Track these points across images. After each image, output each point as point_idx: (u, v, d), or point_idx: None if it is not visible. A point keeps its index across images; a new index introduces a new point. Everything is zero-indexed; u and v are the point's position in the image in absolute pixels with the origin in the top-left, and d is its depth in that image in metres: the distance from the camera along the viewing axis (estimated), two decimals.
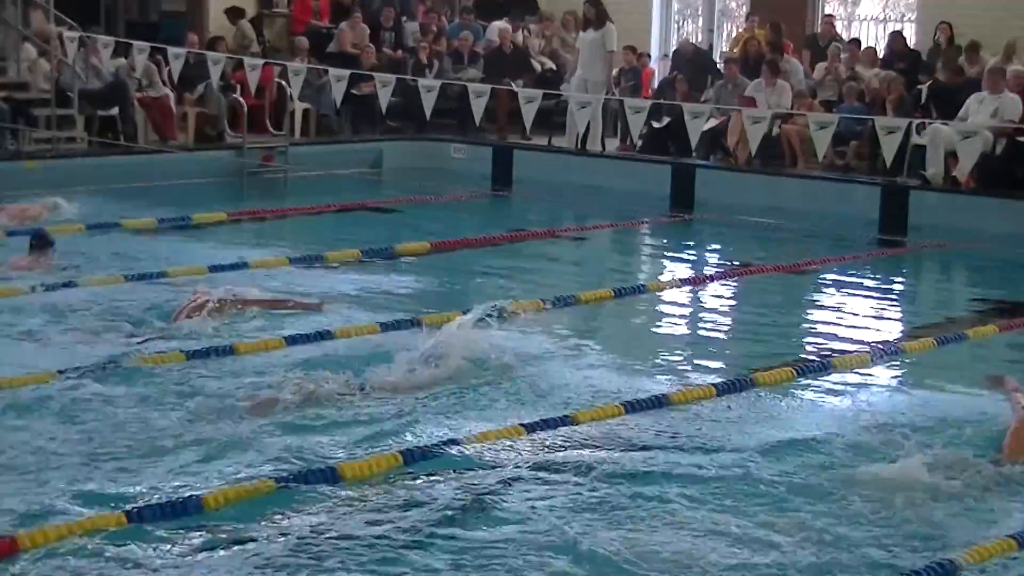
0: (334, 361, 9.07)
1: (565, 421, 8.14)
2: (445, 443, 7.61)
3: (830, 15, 23.90)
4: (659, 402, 8.64)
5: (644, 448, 7.82)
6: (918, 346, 10.51)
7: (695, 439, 8.00)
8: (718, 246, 16.12)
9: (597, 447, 7.80)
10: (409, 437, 7.83)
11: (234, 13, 22.84)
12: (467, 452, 7.52)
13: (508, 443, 7.70)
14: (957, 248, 15.46)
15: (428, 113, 19.57)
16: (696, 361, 9.99)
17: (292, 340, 9.66)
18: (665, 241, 16.35)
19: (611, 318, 11.38)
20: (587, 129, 19.93)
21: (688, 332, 10.79)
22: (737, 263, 14.51)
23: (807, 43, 22.81)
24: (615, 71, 22.17)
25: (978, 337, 10.89)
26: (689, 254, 15.46)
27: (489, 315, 9.49)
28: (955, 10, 21.11)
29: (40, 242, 12.08)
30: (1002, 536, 6.58)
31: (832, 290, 13.25)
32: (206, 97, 20.53)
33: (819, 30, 23.24)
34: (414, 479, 7.17)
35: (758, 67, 20.32)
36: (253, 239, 14.48)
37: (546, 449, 7.71)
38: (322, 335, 9.84)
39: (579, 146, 20.30)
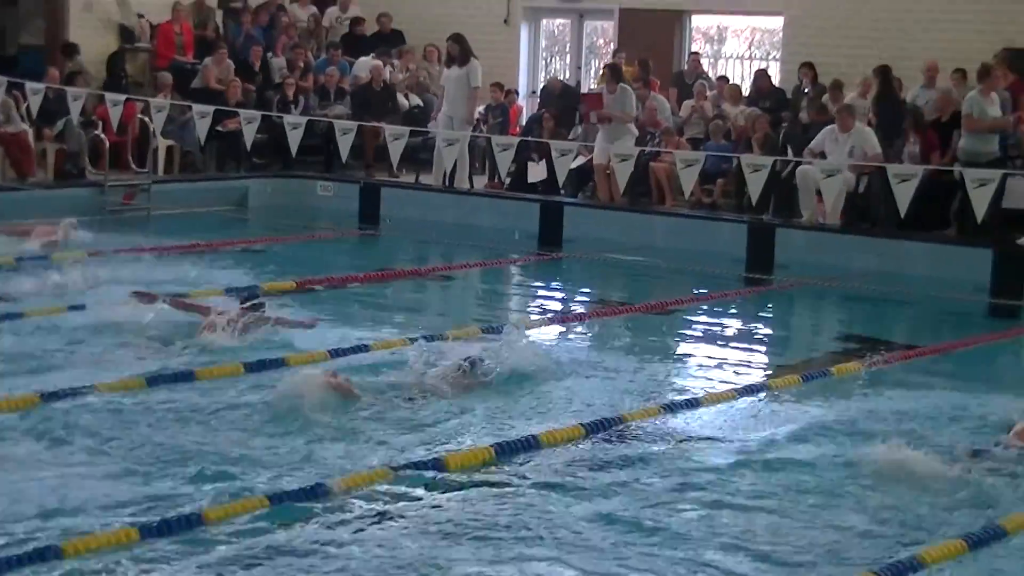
0: None
1: (436, 464, 8.03)
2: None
3: (696, 53, 24.09)
4: (528, 444, 8.56)
5: (508, 488, 7.74)
6: (783, 383, 10.52)
7: (567, 478, 7.94)
8: (586, 284, 16.09)
9: (462, 488, 7.71)
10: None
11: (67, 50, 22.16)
12: None
13: None
14: (822, 285, 15.57)
15: (294, 150, 19.40)
16: (564, 400, 9.89)
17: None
18: (534, 279, 16.30)
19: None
20: (454, 166, 19.87)
21: (556, 370, 10.69)
22: (605, 301, 14.48)
23: (674, 80, 22.96)
24: (482, 108, 22.16)
25: (842, 374, 10.92)
26: (557, 292, 15.41)
27: None
28: (818, 49, 21.37)
29: None
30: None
31: (699, 328, 13.26)
32: (66, 133, 20.16)
33: (686, 68, 23.40)
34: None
35: None
36: (113, 278, 14.13)
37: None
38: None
39: (446, 183, 20.22)
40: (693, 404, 9.77)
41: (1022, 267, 15.89)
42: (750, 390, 10.31)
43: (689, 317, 13.61)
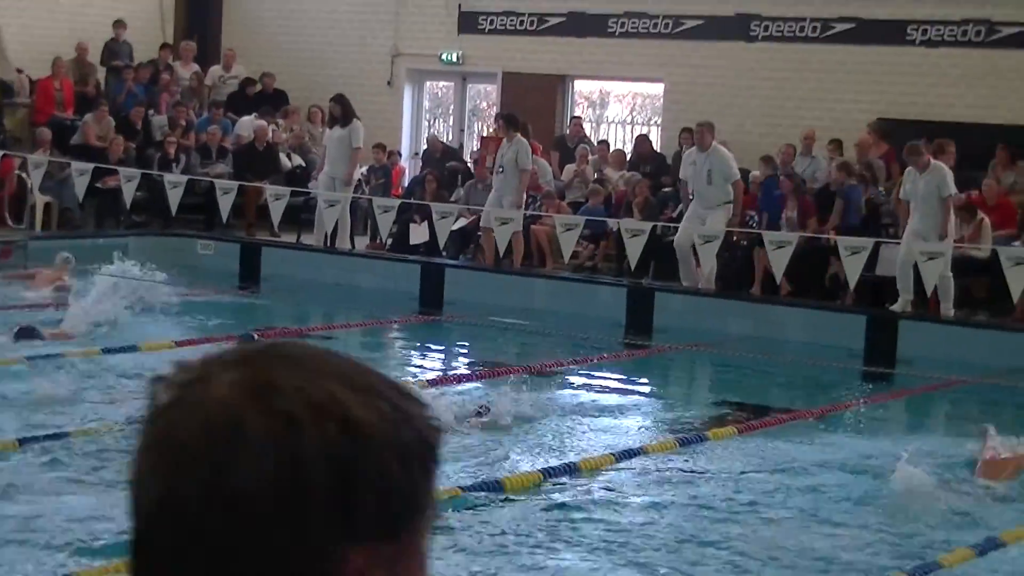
0: None
1: None
2: None
3: (578, 117, 24.32)
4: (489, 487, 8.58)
5: None
6: (659, 447, 10.60)
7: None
8: (467, 346, 16.13)
9: None
10: None
11: None
12: None
13: None
14: (699, 350, 15.73)
15: (174, 208, 19.28)
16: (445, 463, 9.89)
17: None
18: (414, 341, 16.30)
19: None
20: (336, 227, 19.87)
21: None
22: (485, 363, 14.51)
23: (556, 144, 23.14)
24: (365, 169, 22.19)
25: (718, 438, 11.03)
26: (438, 354, 15.43)
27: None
28: (699, 115, 21.56)
29: None
30: None
31: (578, 391, 13.30)
32: None
33: (567, 132, 23.61)
34: None
35: None
36: None
37: None
38: None
39: (328, 244, 20.20)
40: (571, 470, 9.80)
41: (894, 333, 16.18)
42: (628, 454, 10.37)
43: (567, 380, 13.66)
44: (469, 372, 13.65)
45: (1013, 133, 19.74)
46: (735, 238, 18.43)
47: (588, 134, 24.14)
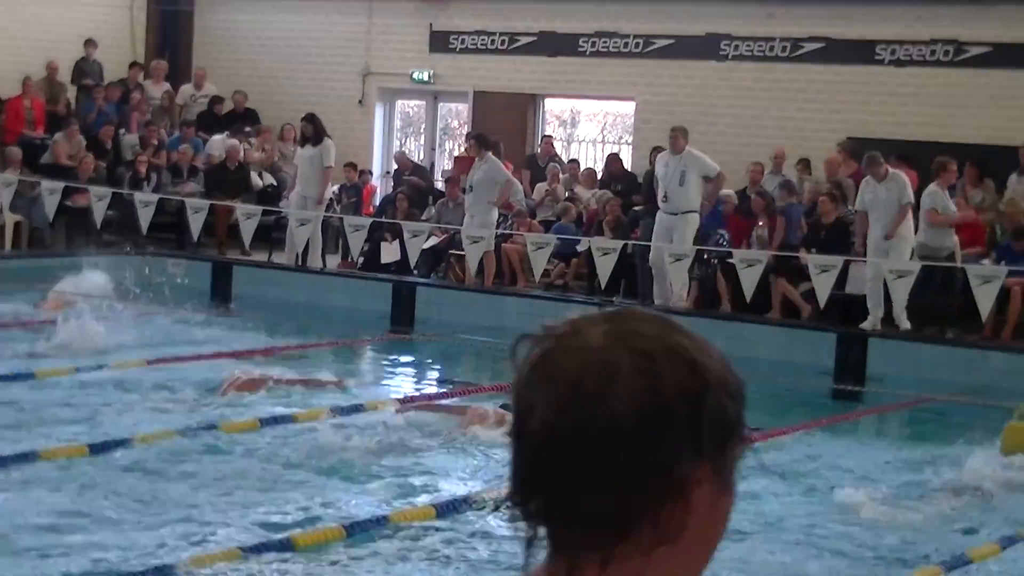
0: None
1: (285, 544, 8.00)
2: None
3: (549, 136, 24.38)
4: (379, 522, 8.55)
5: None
6: None
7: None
8: (438, 365, 16.12)
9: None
10: None
11: None
12: None
13: None
14: None
15: (144, 227, 19.24)
16: (416, 481, 9.90)
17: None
18: (386, 360, 16.28)
19: (326, 438, 11.20)
20: (307, 246, 19.87)
21: (408, 451, 10.71)
22: (456, 382, 14.50)
23: (527, 163, 23.19)
24: (336, 187, 22.19)
25: None
26: (408, 373, 15.41)
27: None
28: (668, 135, 21.74)
29: None
30: None
31: None
32: None
33: (538, 151, 23.66)
34: None
35: None
36: None
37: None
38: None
39: (299, 263, 20.19)
40: None
41: (864, 351, 16.25)
42: None
43: None
44: (441, 390, 13.63)
45: (981, 152, 19.87)
46: (706, 256, 18.49)
47: (559, 153, 24.22)
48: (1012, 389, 14.25)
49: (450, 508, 9.01)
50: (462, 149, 23.16)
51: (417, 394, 13.39)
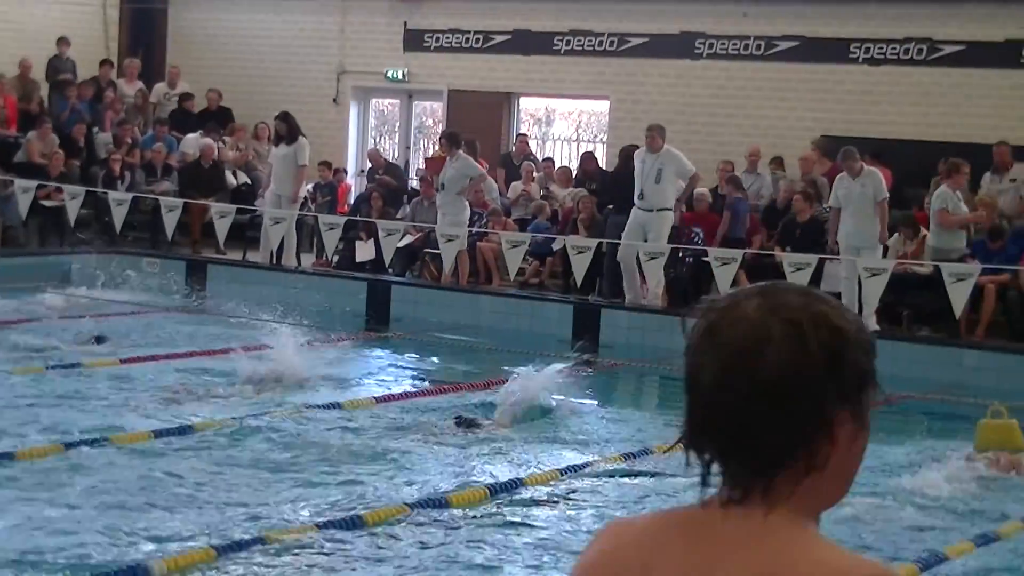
0: None
1: (258, 543, 7.98)
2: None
3: (524, 135, 24.38)
4: (353, 523, 8.53)
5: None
6: (606, 462, 10.62)
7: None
8: (413, 364, 16.09)
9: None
10: None
11: None
12: None
13: None
14: (646, 366, 15.74)
15: (119, 226, 19.18)
16: (390, 479, 9.88)
17: None
18: (361, 358, 16.22)
19: (305, 435, 11.19)
20: (282, 244, 19.85)
21: (382, 451, 10.70)
22: (432, 380, 14.49)
23: (502, 162, 23.18)
24: (311, 186, 22.16)
25: (663, 452, 11.07)
26: (385, 371, 15.37)
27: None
28: (644, 133, 21.75)
29: None
30: None
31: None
32: None
33: (513, 149, 23.66)
34: None
35: None
36: None
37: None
38: None
39: (274, 261, 20.15)
40: (515, 485, 9.81)
41: None
42: (574, 470, 10.38)
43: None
44: (416, 389, 13.60)
45: (955, 150, 19.91)
46: (681, 254, 18.52)
47: (534, 151, 24.21)
48: (986, 387, 14.33)
49: (425, 504, 9.00)
50: (435, 148, 23.13)
51: (394, 393, 13.36)
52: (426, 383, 14.11)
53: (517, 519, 9.04)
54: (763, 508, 2.12)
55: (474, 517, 8.98)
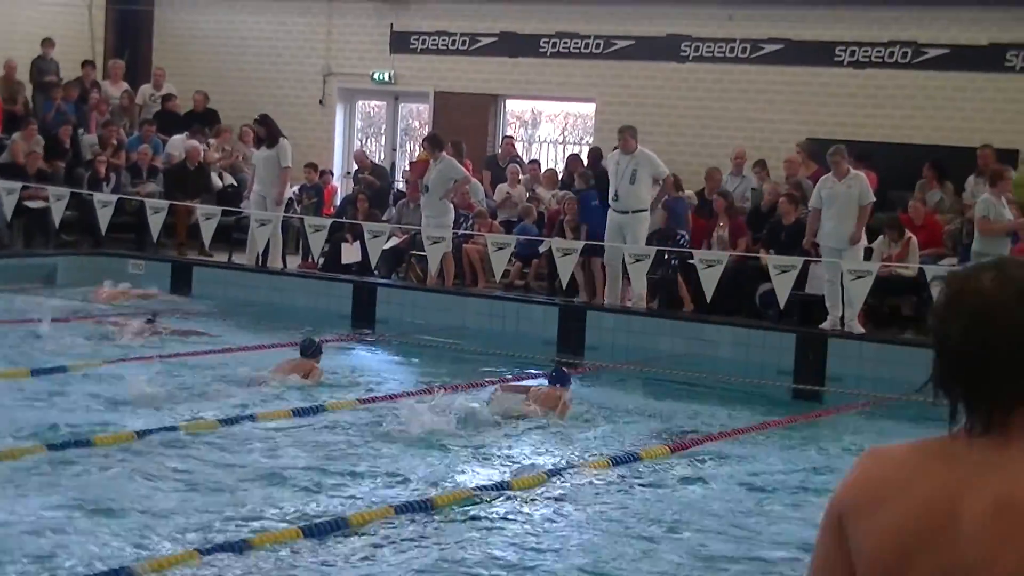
0: None
1: (242, 546, 7.97)
2: None
3: (510, 137, 24.40)
4: (337, 525, 8.53)
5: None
6: (592, 466, 10.64)
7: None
8: (399, 365, 16.10)
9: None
10: None
11: None
12: None
13: None
14: (630, 369, 15.77)
15: (104, 228, 19.16)
16: (374, 480, 9.89)
17: None
18: (346, 360, 16.21)
19: (288, 438, 11.18)
20: (267, 246, 19.86)
21: (365, 452, 10.70)
22: (418, 382, 14.49)
23: (487, 164, 23.20)
24: (297, 188, 22.16)
25: (650, 457, 11.10)
26: (370, 373, 15.34)
27: None
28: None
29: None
30: None
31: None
32: None
33: (499, 151, 23.68)
34: None
35: None
36: None
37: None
38: None
39: (259, 263, 20.15)
40: (503, 488, 9.82)
41: (823, 352, 16.32)
42: (560, 472, 10.40)
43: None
44: (401, 390, 13.60)
45: (939, 153, 19.99)
46: (666, 256, 18.54)
47: (520, 153, 24.23)
48: None
49: (408, 508, 9.01)
50: (420, 151, 23.14)
51: (379, 395, 13.36)
52: (410, 385, 14.09)
53: (501, 521, 9.04)
54: (1002, 439, 2.62)
55: (457, 519, 8.99)
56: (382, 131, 27.13)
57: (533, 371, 15.20)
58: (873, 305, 17.51)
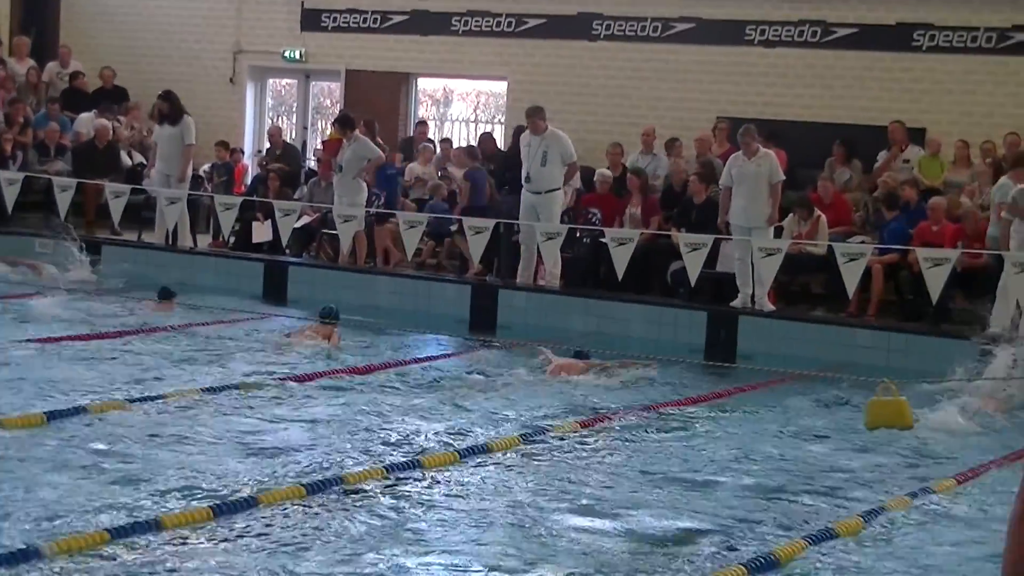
0: None
1: (153, 525, 7.91)
2: None
3: (424, 122, 24.32)
4: (247, 504, 8.49)
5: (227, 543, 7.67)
6: (504, 444, 10.66)
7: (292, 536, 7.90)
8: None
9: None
10: None
11: None
12: None
13: None
14: (544, 347, 15.76)
15: (10, 206, 18.92)
16: (283, 461, 9.84)
17: None
18: (256, 340, 16.09)
19: (200, 418, 11.10)
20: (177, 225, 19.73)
21: (276, 432, 10.67)
22: (329, 362, 14.41)
23: (401, 147, 23.15)
24: (207, 166, 22.01)
25: (561, 433, 11.15)
26: (280, 353, 15.23)
27: None
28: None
29: None
30: None
31: (422, 389, 13.23)
32: None
33: (413, 135, 23.61)
34: None
35: None
36: None
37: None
38: None
39: (169, 242, 20.00)
40: (414, 466, 9.81)
41: (734, 329, 16.45)
42: (472, 451, 10.40)
43: (411, 378, 13.64)
44: (311, 372, 13.54)
45: (848, 131, 20.18)
46: (578, 234, 18.60)
47: (432, 132, 24.19)
48: (877, 365, 14.55)
49: (317, 488, 8.98)
50: (330, 130, 23.03)
51: (292, 374, 13.29)
52: (320, 364, 14.03)
53: (412, 498, 9.04)
54: None
55: (367, 495, 8.98)
56: (293, 110, 26.99)
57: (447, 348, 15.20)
58: (783, 283, 17.66)
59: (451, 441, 10.79)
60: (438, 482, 9.52)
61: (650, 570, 7.76)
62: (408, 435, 10.95)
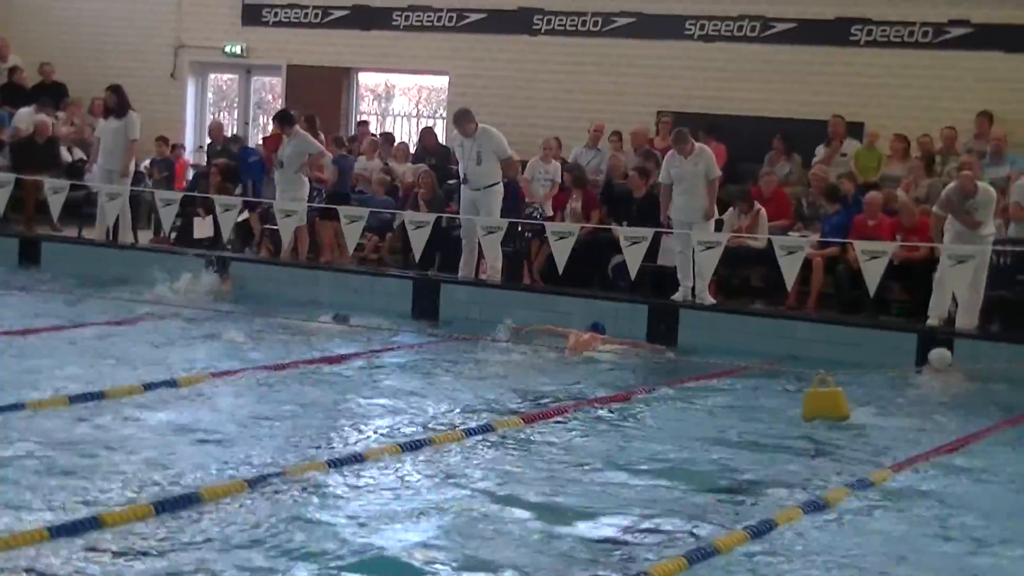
0: None
1: (93, 523, 7.89)
2: None
3: (365, 121, 24.31)
4: (189, 500, 8.49)
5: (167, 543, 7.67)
6: (446, 438, 10.69)
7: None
8: (252, 340, 15.95)
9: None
10: None
11: None
12: None
13: None
14: (485, 341, 15.81)
15: None
16: (227, 455, 9.84)
17: None
18: (198, 335, 16.06)
19: (141, 416, 11.09)
20: (118, 220, 19.64)
21: (217, 429, 10.66)
22: (272, 356, 14.39)
23: (339, 143, 23.09)
24: (148, 162, 21.92)
25: (504, 428, 11.20)
26: (221, 348, 15.22)
27: None
28: (484, 108, 21.70)
29: None
30: None
31: (363, 383, 13.25)
32: None
33: (356, 134, 23.58)
34: None
35: None
36: None
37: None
38: None
39: (110, 238, 19.91)
40: (357, 459, 9.83)
41: (675, 322, 16.56)
42: (415, 445, 10.43)
43: (352, 372, 13.66)
44: (255, 366, 13.53)
45: (788, 125, 20.34)
46: (520, 228, 18.65)
47: (374, 127, 24.18)
48: (815, 357, 14.70)
49: (258, 481, 8.98)
50: (271, 126, 22.98)
51: (227, 369, 13.27)
52: (262, 360, 14.02)
53: (352, 491, 9.07)
54: None
55: (313, 487, 9.00)
56: (234, 105, 26.91)
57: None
58: (724, 276, 17.78)
59: (392, 434, 10.82)
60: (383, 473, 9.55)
61: (588, 561, 7.82)
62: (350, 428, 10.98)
